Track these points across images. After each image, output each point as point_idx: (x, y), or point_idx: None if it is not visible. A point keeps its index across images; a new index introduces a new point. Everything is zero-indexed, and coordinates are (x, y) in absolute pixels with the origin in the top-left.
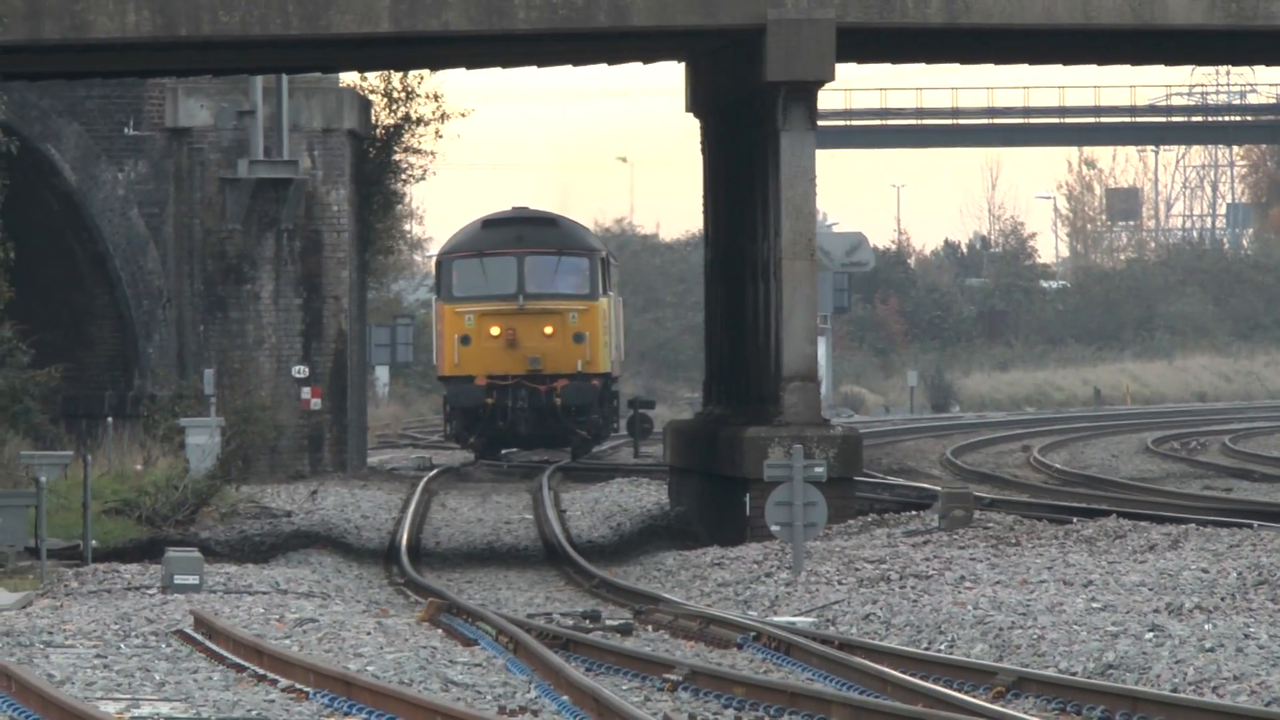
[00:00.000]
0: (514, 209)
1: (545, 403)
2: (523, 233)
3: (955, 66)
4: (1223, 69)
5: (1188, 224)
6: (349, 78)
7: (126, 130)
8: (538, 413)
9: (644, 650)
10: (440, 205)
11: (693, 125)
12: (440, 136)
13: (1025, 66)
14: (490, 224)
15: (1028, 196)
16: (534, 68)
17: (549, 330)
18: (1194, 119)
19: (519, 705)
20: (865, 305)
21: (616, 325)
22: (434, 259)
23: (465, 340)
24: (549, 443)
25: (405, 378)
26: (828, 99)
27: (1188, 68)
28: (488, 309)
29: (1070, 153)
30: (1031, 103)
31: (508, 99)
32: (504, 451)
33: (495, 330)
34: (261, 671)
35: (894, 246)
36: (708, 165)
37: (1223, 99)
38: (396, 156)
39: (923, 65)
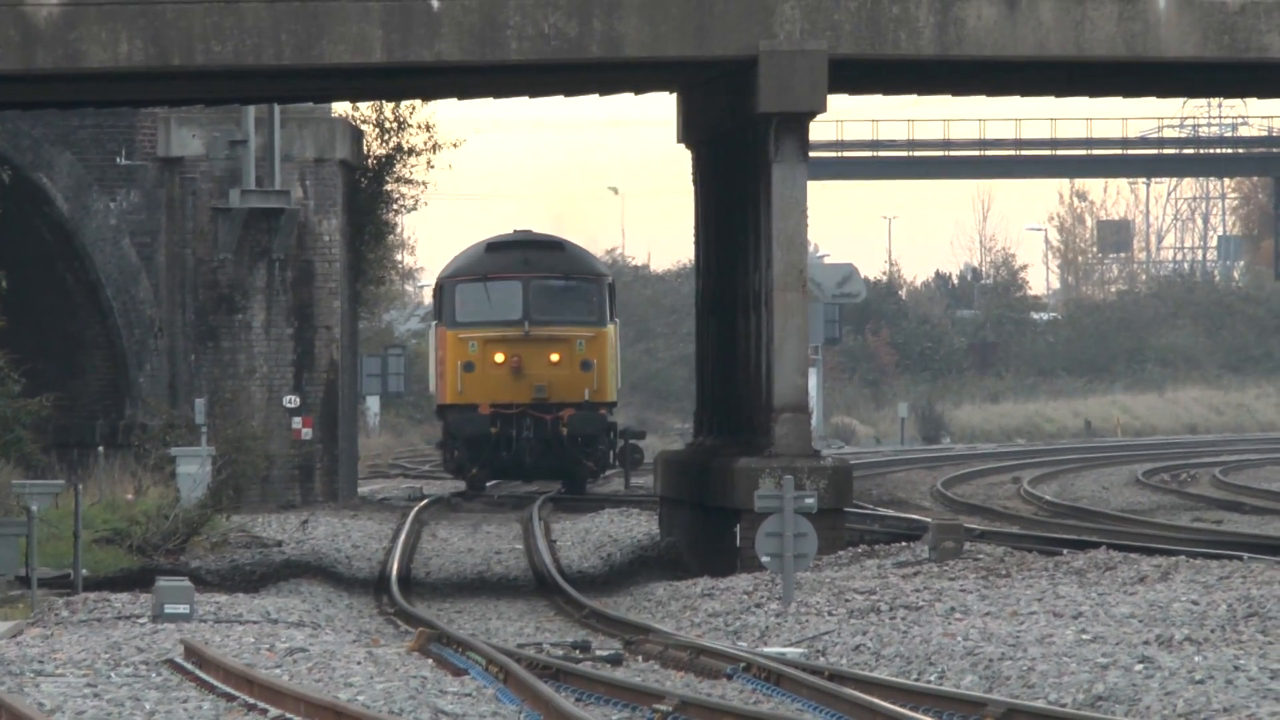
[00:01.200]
0: (518, 232)
1: (551, 433)
2: (528, 256)
3: (947, 98)
4: (1215, 101)
5: (1179, 256)
6: (341, 108)
7: (119, 160)
8: (543, 443)
9: (634, 680)
10: (432, 235)
11: (684, 156)
12: (432, 166)
13: (1017, 98)
14: (495, 247)
15: (1019, 228)
16: (526, 98)
17: (555, 358)
18: (1185, 151)
19: None
20: (856, 336)
21: (617, 353)
22: (433, 283)
23: (469, 367)
24: (554, 474)
25: (396, 408)
26: (819, 130)
27: (1180, 100)
28: (492, 335)
29: (1062, 184)
30: (1023, 134)
31: (500, 129)
32: (488, 484)
33: (500, 357)
34: (252, 701)
35: (885, 278)
36: (699, 196)
37: (1214, 131)
38: (388, 186)
39: (915, 96)
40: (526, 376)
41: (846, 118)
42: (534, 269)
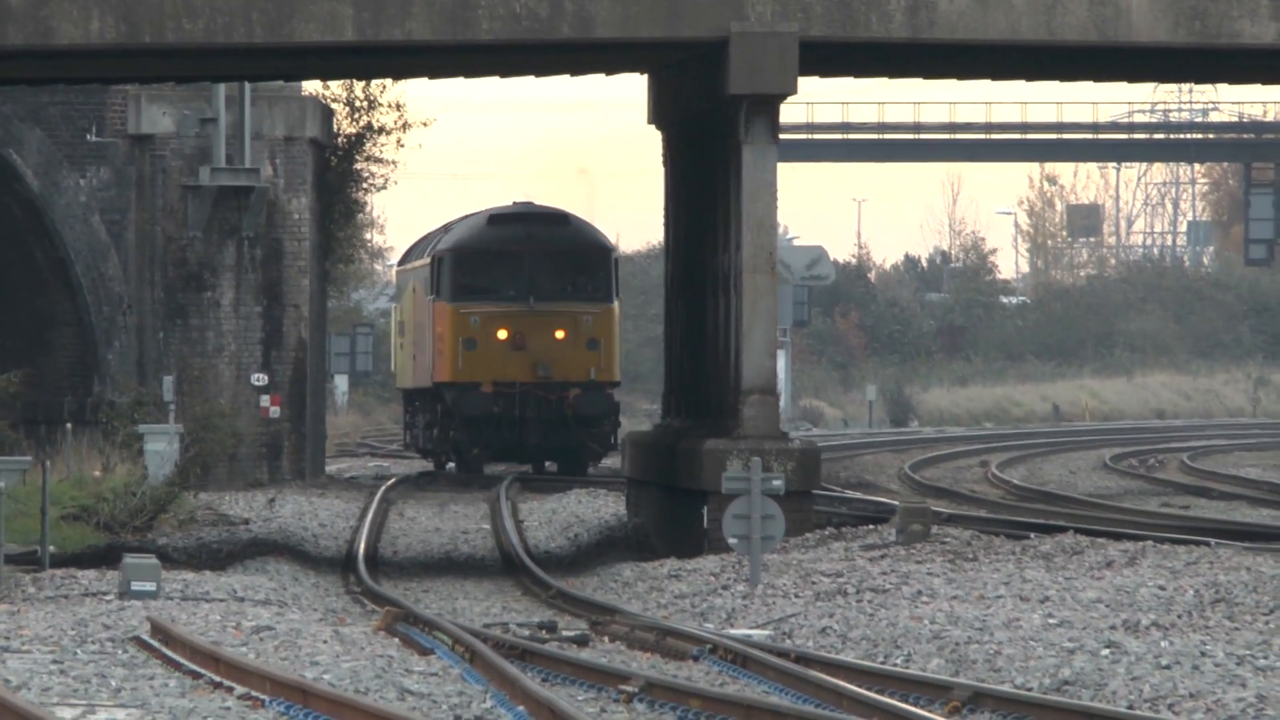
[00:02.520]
0: (518, 204)
1: (556, 413)
2: (532, 229)
3: (918, 81)
4: (1185, 86)
5: (1148, 241)
6: (311, 86)
7: (89, 137)
8: (547, 423)
9: (600, 661)
10: (401, 215)
11: (655, 137)
12: (402, 146)
13: (988, 82)
14: (496, 219)
15: (989, 212)
16: (497, 78)
17: (560, 335)
18: (1156, 136)
19: (474, 715)
20: (825, 319)
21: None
22: (430, 255)
23: (470, 344)
24: (557, 456)
25: (364, 387)
26: (790, 112)
27: (1150, 85)
28: (494, 310)
29: (1032, 168)
30: (993, 118)
31: (470, 109)
32: (448, 465)
33: (502, 334)
34: (218, 679)
35: (854, 261)
36: (669, 178)
37: (1185, 117)
38: (358, 165)
39: (885, 80)
40: (529, 354)
41: (817, 100)
42: (538, 242)
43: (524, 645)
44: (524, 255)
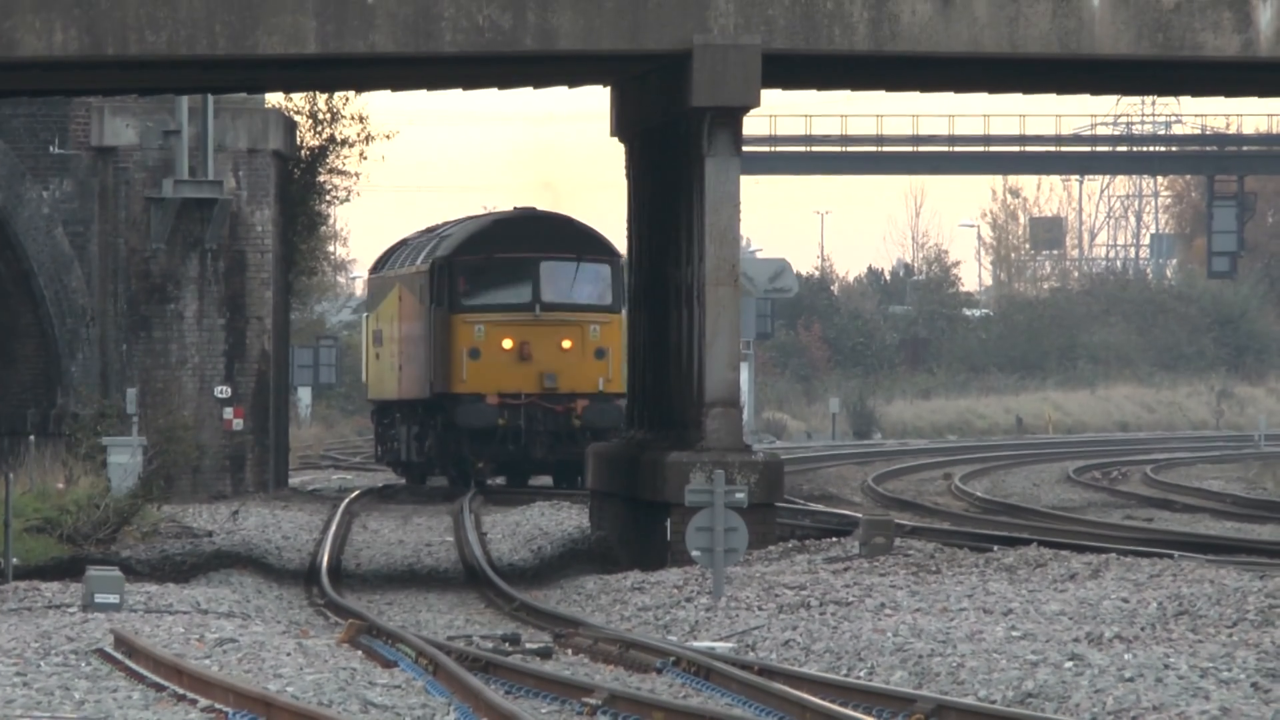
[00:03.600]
0: (520, 209)
1: (563, 425)
2: (536, 235)
3: (880, 94)
4: (1148, 99)
5: (1111, 254)
6: (274, 98)
7: (52, 149)
8: (553, 436)
9: (563, 674)
10: (364, 227)
11: (618, 150)
12: (365, 158)
13: (951, 94)
14: (500, 225)
15: (952, 224)
16: (460, 90)
17: (567, 344)
18: (1119, 149)
19: None
20: (788, 331)
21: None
22: (429, 261)
23: (475, 354)
24: (562, 469)
25: (328, 399)
26: (752, 125)
27: (1113, 97)
28: (499, 319)
29: (995, 181)
30: (956, 131)
31: (433, 122)
32: (428, 481)
33: (507, 343)
34: (181, 691)
35: (817, 273)
36: (632, 190)
37: (1148, 129)
38: (321, 178)
39: (848, 92)
40: (535, 363)
41: (780, 112)
42: (544, 248)
43: (487, 658)
44: (529, 262)
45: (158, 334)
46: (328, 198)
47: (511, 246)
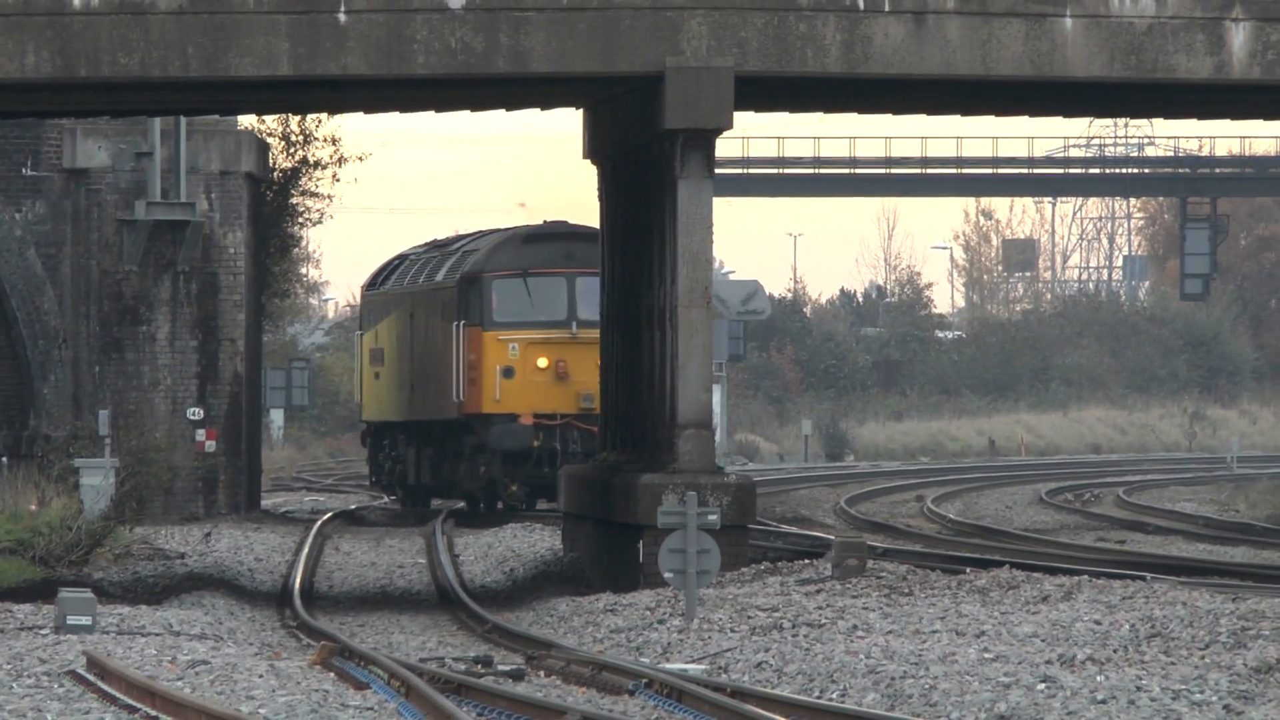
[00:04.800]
0: (551, 223)
1: (600, 446)
2: (572, 249)
3: (853, 116)
4: (1121, 121)
5: (1084, 276)
6: (247, 120)
7: (24, 170)
8: (589, 458)
9: (536, 696)
10: (337, 249)
11: (590, 172)
12: (338, 180)
13: (923, 116)
14: (533, 239)
15: (924, 246)
16: (432, 112)
17: None
18: (1091, 171)
19: None
20: (761, 353)
21: None
22: (459, 276)
23: (509, 373)
24: None
25: (300, 421)
26: (725, 147)
27: (1086, 119)
28: (534, 337)
29: (967, 203)
30: (929, 153)
31: (406, 144)
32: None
33: (543, 362)
34: (154, 713)
35: (790, 295)
36: (605, 212)
37: (1121, 151)
38: (294, 199)
39: (821, 114)
40: (572, 383)
41: (753, 134)
42: (579, 263)
43: (460, 679)
44: (565, 278)
45: (130, 356)
46: (300, 219)
47: (546, 261)
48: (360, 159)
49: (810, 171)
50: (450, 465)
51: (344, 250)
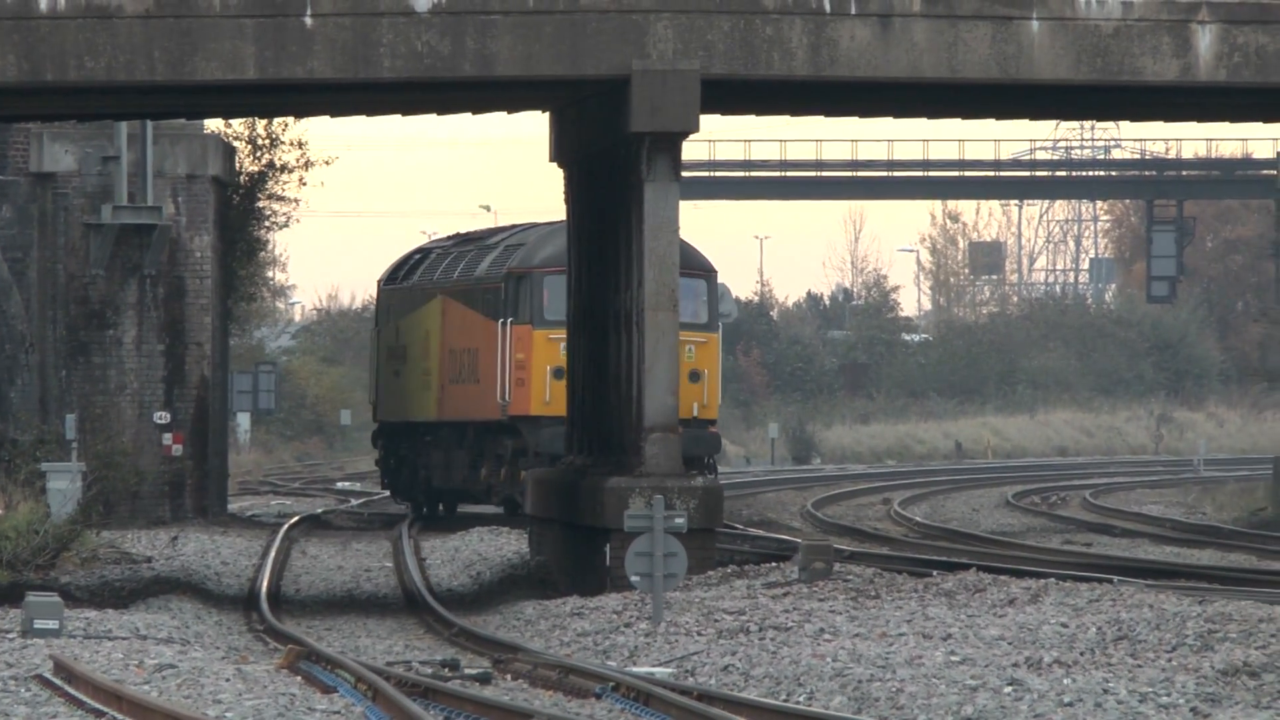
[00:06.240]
0: None
1: None
2: None
3: (820, 119)
4: (1087, 124)
5: (1051, 278)
6: (214, 124)
7: None
8: None
9: (503, 699)
10: (304, 252)
11: (557, 175)
12: (304, 184)
13: (890, 119)
14: None
15: (891, 249)
16: (399, 116)
17: None
18: (1058, 174)
19: None
20: (727, 357)
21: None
22: (505, 271)
23: (559, 373)
24: None
25: (267, 424)
26: (692, 150)
27: (1052, 122)
28: None
29: (934, 206)
30: (896, 156)
31: (372, 147)
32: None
33: None
34: (121, 717)
35: (756, 298)
36: (571, 215)
37: (1087, 154)
38: (260, 203)
39: (788, 117)
40: None
41: (719, 137)
42: None
43: (426, 683)
44: None
45: (97, 360)
46: (267, 223)
47: None
48: (327, 163)
49: (777, 174)
50: (489, 469)
51: (311, 254)
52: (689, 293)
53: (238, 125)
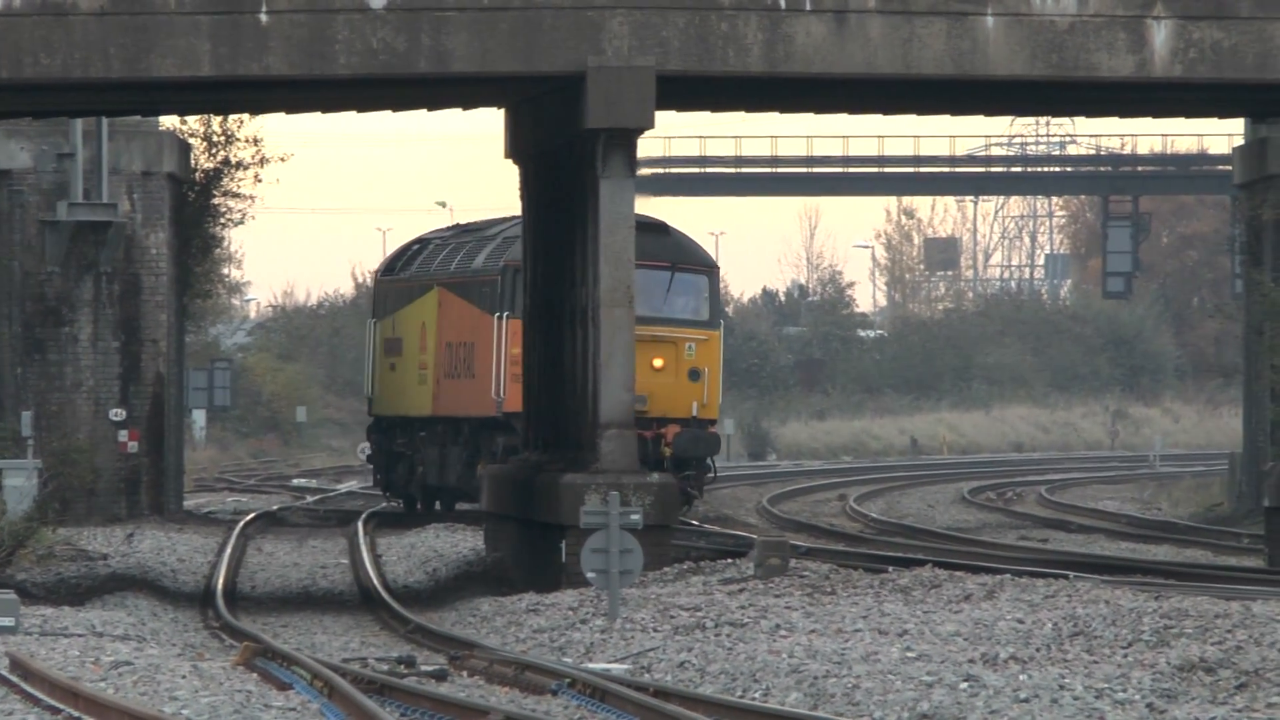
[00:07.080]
0: None
1: (651, 453)
2: None
3: (775, 115)
4: (1043, 120)
5: (1006, 274)
6: (169, 121)
7: None
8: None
9: (459, 696)
10: (259, 249)
11: (512, 171)
12: (260, 181)
13: (845, 116)
14: None
15: (846, 245)
16: (354, 113)
17: (658, 363)
18: (1013, 169)
19: None
20: None
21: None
22: (502, 264)
23: None
24: None
25: (223, 421)
26: (647, 146)
27: (1008, 118)
28: None
29: (889, 202)
30: (851, 152)
31: (328, 144)
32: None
33: None
34: (77, 714)
35: None
36: (527, 211)
37: (1042, 150)
38: (216, 200)
39: (743, 114)
40: None
41: (675, 134)
42: (637, 256)
43: (383, 680)
44: None
45: (52, 357)
46: (223, 220)
47: None
48: (282, 159)
49: (732, 171)
50: (485, 466)
51: (266, 251)
52: (689, 288)
53: (193, 122)
